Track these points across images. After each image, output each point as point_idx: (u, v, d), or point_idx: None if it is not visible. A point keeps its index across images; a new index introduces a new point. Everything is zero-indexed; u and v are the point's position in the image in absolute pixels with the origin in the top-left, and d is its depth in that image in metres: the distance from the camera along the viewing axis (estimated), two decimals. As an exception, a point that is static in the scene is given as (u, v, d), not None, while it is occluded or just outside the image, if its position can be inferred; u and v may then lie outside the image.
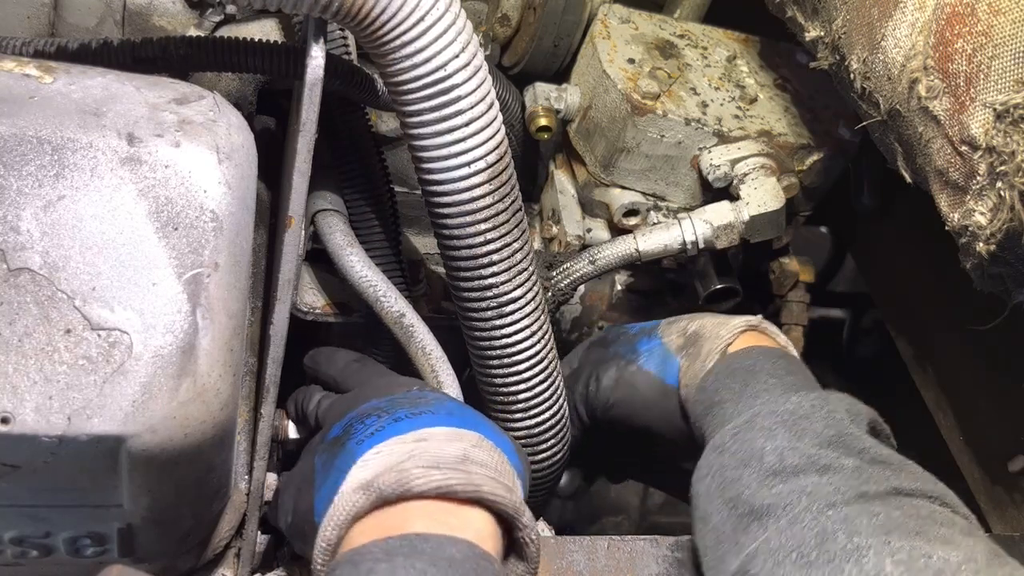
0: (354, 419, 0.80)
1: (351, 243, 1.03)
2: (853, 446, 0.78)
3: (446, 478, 0.70)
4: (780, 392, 0.86)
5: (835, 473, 0.75)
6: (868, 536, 0.69)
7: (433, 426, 0.76)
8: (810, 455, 0.77)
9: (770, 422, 0.82)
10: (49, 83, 0.70)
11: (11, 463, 0.66)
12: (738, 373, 0.90)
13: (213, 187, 0.69)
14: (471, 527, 0.70)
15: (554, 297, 1.19)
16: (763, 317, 1.00)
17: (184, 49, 0.91)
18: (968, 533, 0.71)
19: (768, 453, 0.79)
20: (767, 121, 1.27)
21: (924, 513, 0.72)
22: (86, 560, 0.77)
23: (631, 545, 0.89)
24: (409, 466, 0.70)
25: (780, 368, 0.90)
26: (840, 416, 0.81)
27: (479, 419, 0.80)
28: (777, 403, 0.83)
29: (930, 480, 0.77)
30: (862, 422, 0.82)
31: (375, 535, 0.68)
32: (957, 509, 0.76)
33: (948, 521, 0.72)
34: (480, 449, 0.75)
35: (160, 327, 0.66)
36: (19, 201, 0.65)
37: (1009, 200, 0.79)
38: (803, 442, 0.79)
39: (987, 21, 0.82)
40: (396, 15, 0.76)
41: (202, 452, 0.71)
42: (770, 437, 0.80)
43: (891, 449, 0.81)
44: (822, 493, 0.74)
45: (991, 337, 0.95)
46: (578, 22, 1.32)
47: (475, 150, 0.83)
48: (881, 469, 0.76)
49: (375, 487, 0.70)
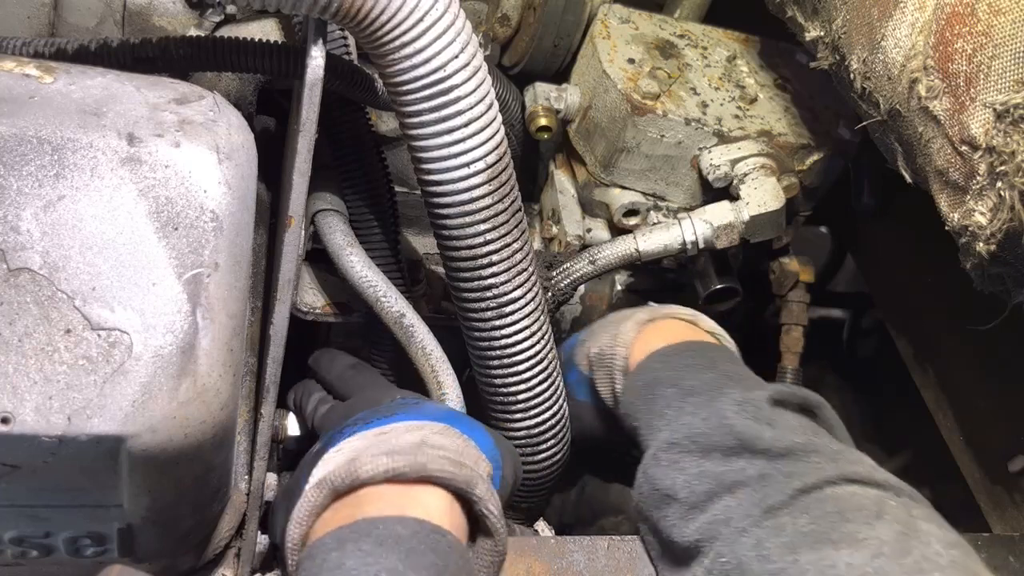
0: (335, 434, 0.82)
1: (351, 243, 1.03)
2: (756, 447, 0.78)
3: (393, 462, 0.72)
4: (678, 404, 0.86)
5: (743, 488, 0.76)
6: (778, 559, 0.70)
7: (398, 422, 0.79)
8: (717, 475, 0.78)
9: (674, 454, 0.82)
10: (49, 83, 0.70)
11: (11, 463, 0.66)
12: (642, 392, 0.91)
13: (213, 187, 0.69)
14: (420, 505, 0.71)
15: (554, 297, 1.19)
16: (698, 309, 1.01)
17: (184, 49, 0.91)
18: (876, 516, 0.70)
19: (680, 488, 0.80)
20: (767, 121, 1.27)
21: (829, 508, 0.72)
22: (86, 560, 0.77)
23: (631, 545, 0.89)
24: (361, 457, 0.73)
25: (677, 370, 0.90)
26: (732, 420, 0.80)
27: (455, 415, 0.81)
28: (675, 428, 0.84)
29: (830, 455, 0.77)
30: (761, 408, 0.81)
31: (331, 526, 0.70)
32: (866, 479, 0.75)
33: (854, 509, 0.71)
34: (440, 435, 0.76)
35: (160, 327, 0.66)
36: (19, 201, 0.65)
37: (1009, 200, 0.79)
38: (710, 462, 0.80)
39: (987, 21, 0.82)
40: (395, 16, 0.76)
41: (202, 452, 0.71)
42: (678, 470, 0.81)
43: (798, 424, 0.80)
44: (736, 517, 0.75)
45: (991, 337, 0.95)
46: (578, 22, 1.32)
47: (475, 150, 0.83)
48: (786, 464, 0.76)
49: (327, 481, 0.72)
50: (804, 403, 0.84)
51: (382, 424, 0.79)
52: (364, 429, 0.79)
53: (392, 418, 0.80)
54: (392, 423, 0.79)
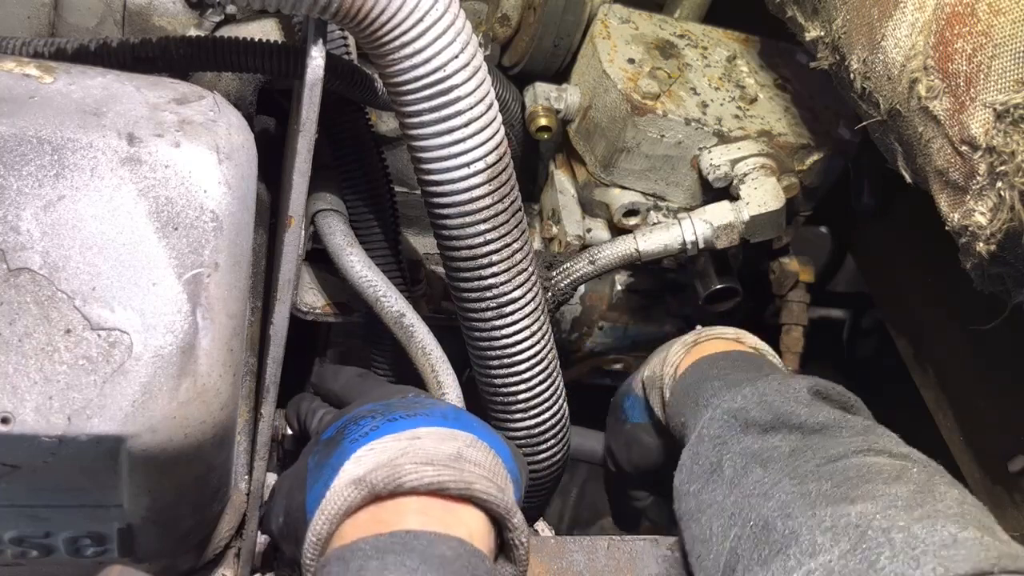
0: (348, 421, 0.80)
1: (351, 243, 1.03)
2: (791, 423, 0.82)
3: (438, 474, 0.70)
4: (725, 393, 0.89)
5: (774, 463, 0.79)
6: (799, 515, 0.72)
7: (427, 426, 0.76)
8: (754, 452, 0.81)
9: (717, 429, 0.85)
10: (49, 83, 0.70)
11: (11, 463, 0.66)
12: (689, 390, 0.94)
13: (213, 187, 0.69)
14: (463, 525, 0.70)
15: (554, 297, 1.19)
16: (739, 326, 1.05)
17: (184, 49, 0.91)
18: (895, 478, 0.72)
19: (725, 465, 0.83)
20: (767, 121, 1.27)
21: (852, 474, 0.74)
22: (86, 560, 0.77)
23: (631, 545, 0.89)
24: (402, 462, 0.70)
25: (723, 369, 0.93)
26: (772, 398, 0.84)
27: (475, 422, 0.80)
28: (718, 408, 0.87)
29: (860, 430, 0.80)
30: (801, 393, 0.85)
31: (367, 530, 0.68)
32: (892, 451, 0.77)
33: (875, 472, 0.73)
34: (474, 449, 0.75)
35: (160, 327, 0.66)
36: (19, 201, 0.65)
37: (1009, 200, 0.79)
38: (748, 437, 0.83)
39: (987, 21, 0.82)
40: (395, 16, 0.76)
41: (202, 452, 0.71)
42: (720, 445, 0.84)
43: (833, 409, 0.84)
44: (766, 485, 0.77)
45: (991, 337, 0.95)
46: (578, 22, 1.32)
47: (475, 150, 0.83)
48: (818, 439, 0.79)
49: (367, 482, 0.69)
50: (843, 399, 0.87)
51: (409, 424, 0.76)
52: (390, 426, 0.76)
53: (415, 418, 0.78)
54: (422, 427, 0.76)
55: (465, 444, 0.75)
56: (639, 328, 1.40)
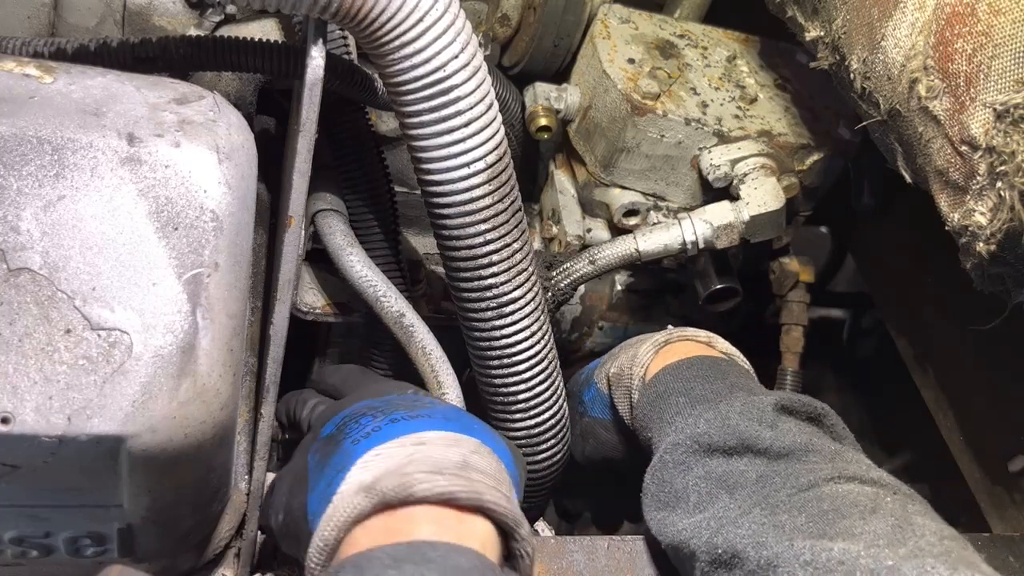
0: (348, 418, 0.79)
1: (351, 243, 1.03)
2: (756, 447, 0.81)
3: (449, 484, 0.69)
4: (688, 411, 0.88)
5: (742, 490, 0.79)
6: (774, 546, 0.72)
7: (431, 430, 0.76)
8: (719, 477, 0.81)
9: (680, 455, 0.85)
10: (49, 83, 0.70)
11: (11, 463, 0.66)
12: (655, 403, 0.93)
13: (213, 187, 0.69)
14: (476, 535, 0.69)
15: (554, 297, 1.19)
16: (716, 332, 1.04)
17: (184, 49, 0.91)
18: (871, 511, 0.72)
19: (685, 490, 0.83)
20: (767, 121, 1.27)
21: (827, 506, 0.73)
22: (86, 560, 0.77)
23: (631, 545, 0.89)
24: (411, 470, 0.70)
25: (688, 382, 0.92)
26: (735, 421, 0.83)
27: (476, 423, 0.80)
28: (681, 433, 0.86)
29: (827, 455, 0.79)
30: (764, 411, 0.84)
31: (380, 539, 0.68)
32: (862, 477, 0.77)
33: (849, 504, 0.73)
34: (479, 456, 0.75)
35: (160, 327, 0.66)
36: (19, 201, 0.65)
37: (1009, 200, 0.79)
38: (713, 461, 0.82)
39: (987, 21, 0.82)
40: (395, 16, 0.76)
41: (202, 452, 0.71)
42: (684, 471, 0.84)
43: (801, 427, 0.83)
44: (733, 514, 0.77)
45: (991, 337, 0.95)
46: (578, 22, 1.32)
47: (475, 150, 0.83)
48: (785, 465, 0.79)
49: (378, 490, 0.69)
50: (809, 410, 0.86)
51: (412, 427, 0.76)
52: (393, 428, 0.76)
53: (417, 421, 0.77)
54: (425, 431, 0.76)
55: (470, 450, 0.75)
56: (639, 328, 1.40)
